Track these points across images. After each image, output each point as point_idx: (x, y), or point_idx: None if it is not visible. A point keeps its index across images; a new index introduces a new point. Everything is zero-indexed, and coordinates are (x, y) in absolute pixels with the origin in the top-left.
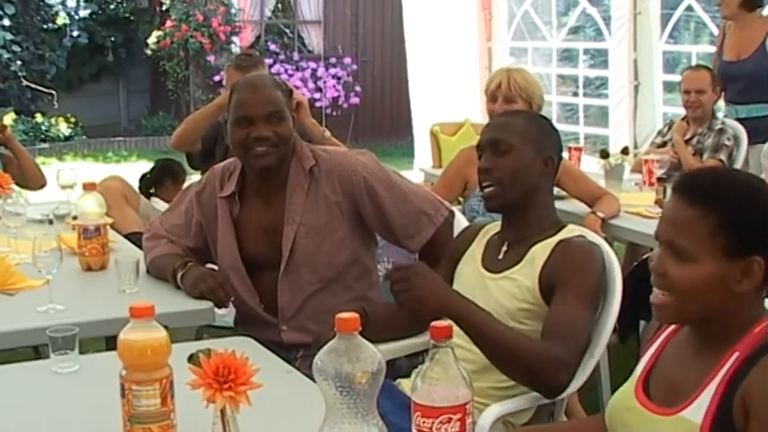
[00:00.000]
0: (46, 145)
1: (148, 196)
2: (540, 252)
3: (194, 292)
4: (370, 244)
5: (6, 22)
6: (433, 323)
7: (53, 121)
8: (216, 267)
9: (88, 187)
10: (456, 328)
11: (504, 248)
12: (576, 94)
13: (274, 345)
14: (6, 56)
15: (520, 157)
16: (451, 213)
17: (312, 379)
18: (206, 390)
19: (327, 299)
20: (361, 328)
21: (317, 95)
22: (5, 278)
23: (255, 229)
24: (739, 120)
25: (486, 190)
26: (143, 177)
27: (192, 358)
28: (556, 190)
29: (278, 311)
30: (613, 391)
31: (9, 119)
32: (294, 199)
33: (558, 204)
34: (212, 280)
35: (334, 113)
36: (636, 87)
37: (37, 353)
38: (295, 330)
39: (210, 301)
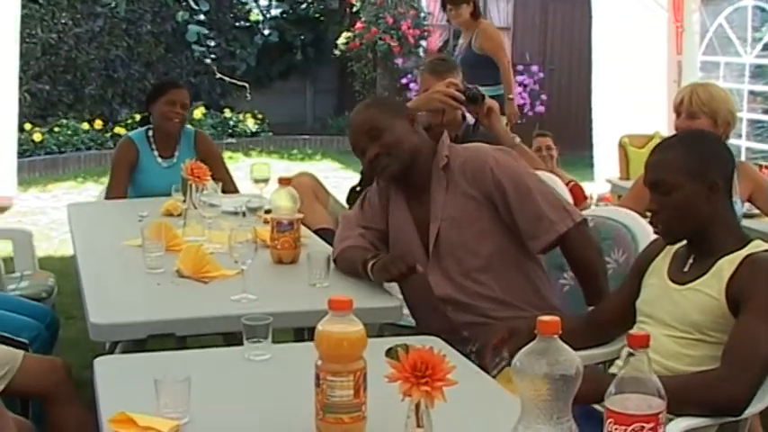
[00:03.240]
0: (233, 140)
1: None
2: (728, 265)
3: (385, 276)
4: (520, 235)
5: (201, 17)
6: (631, 332)
7: (241, 116)
8: None
9: (283, 182)
10: None
11: (691, 261)
12: (767, 112)
13: (444, 331)
14: (200, 49)
15: (682, 194)
16: (583, 222)
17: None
18: (403, 383)
19: (481, 288)
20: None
21: None
22: (200, 266)
23: (417, 222)
24: None
25: (659, 228)
26: (352, 191)
27: (390, 352)
28: (747, 206)
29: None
30: None
31: (199, 113)
32: (437, 196)
33: (748, 223)
34: (391, 258)
35: (519, 121)
36: None
37: (226, 339)
38: (459, 312)
39: (400, 279)
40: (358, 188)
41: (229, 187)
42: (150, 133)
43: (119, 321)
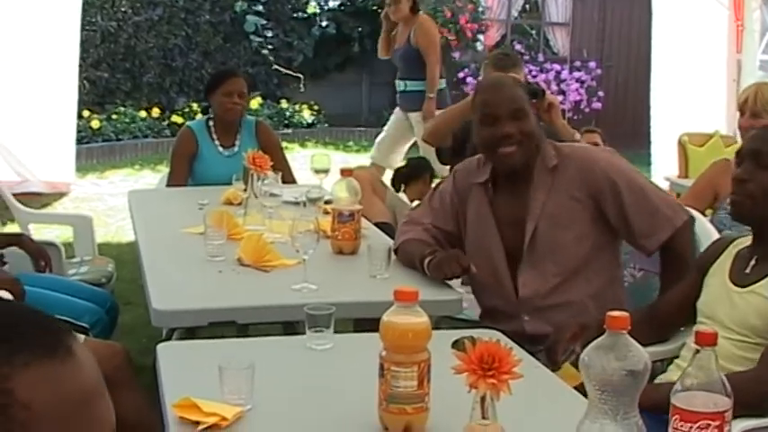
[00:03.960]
0: (289, 131)
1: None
2: None
3: (439, 275)
4: (614, 240)
5: (259, 8)
6: (699, 329)
7: (297, 107)
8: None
9: (345, 173)
10: None
11: (753, 263)
12: None
13: (516, 335)
14: (257, 40)
15: None
16: (692, 219)
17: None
18: (470, 375)
19: (568, 291)
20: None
21: (559, 98)
22: (261, 255)
23: (504, 219)
24: (401, 92)
25: (736, 199)
26: (396, 172)
27: (456, 344)
28: None
29: (521, 302)
30: None
31: (255, 103)
32: (537, 195)
33: None
34: (446, 257)
35: (576, 117)
36: None
37: (285, 328)
38: (537, 321)
39: (455, 278)
40: (404, 169)
41: (288, 177)
42: (211, 123)
43: (181, 308)
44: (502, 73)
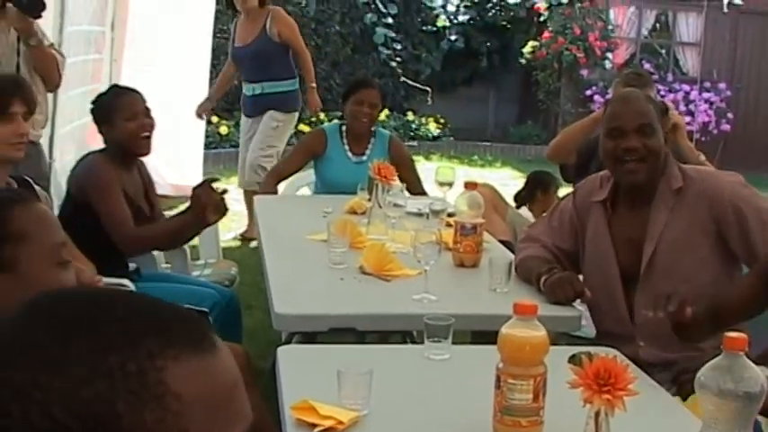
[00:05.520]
0: (414, 143)
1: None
2: None
3: (552, 297)
4: (733, 269)
5: (389, 20)
6: None
7: (423, 120)
8: None
9: (469, 187)
10: None
11: None
12: None
13: (630, 360)
14: (386, 52)
15: None
16: None
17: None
18: (585, 390)
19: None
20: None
21: (687, 119)
22: (383, 264)
23: (621, 239)
24: (255, 96)
25: None
26: (518, 194)
27: (573, 359)
28: None
29: (636, 327)
30: None
31: (382, 114)
32: (658, 217)
33: None
34: (559, 280)
35: (703, 139)
36: None
37: (402, 338)
38: (653, 347)
39: (567, 303)
40: (523, 192)
41: (418, 190)
42: (343, 128)
43: (302, 313)
44: (631, 89)
